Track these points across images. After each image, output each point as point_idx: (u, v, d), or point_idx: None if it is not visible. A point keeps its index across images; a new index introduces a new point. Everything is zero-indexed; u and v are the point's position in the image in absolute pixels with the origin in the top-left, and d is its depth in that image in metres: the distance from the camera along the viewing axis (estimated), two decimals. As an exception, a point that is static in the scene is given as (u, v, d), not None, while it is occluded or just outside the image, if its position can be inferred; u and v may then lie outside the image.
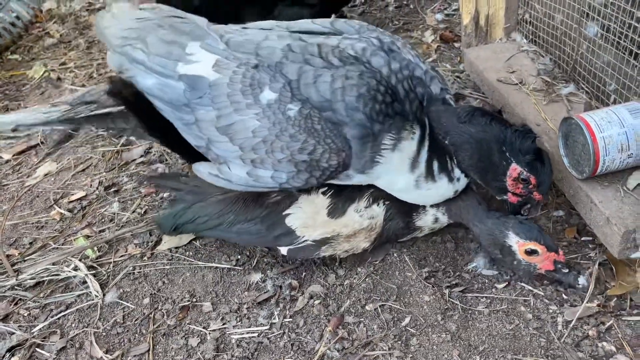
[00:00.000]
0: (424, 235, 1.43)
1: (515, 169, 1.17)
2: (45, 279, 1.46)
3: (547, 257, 1.20)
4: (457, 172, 1.25)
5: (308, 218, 1.30)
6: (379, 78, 1.16)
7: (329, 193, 1.31)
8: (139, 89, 1.27)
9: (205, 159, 1.29)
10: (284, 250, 1.35)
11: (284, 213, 1.31)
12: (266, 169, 1.19)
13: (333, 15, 2.33)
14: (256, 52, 1.21)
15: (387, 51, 1.23)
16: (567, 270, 1.22)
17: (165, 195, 1.69)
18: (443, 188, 1.26)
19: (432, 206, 1.34)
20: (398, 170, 1.23)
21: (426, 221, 1.37)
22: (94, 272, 1.47)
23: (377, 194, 1.32)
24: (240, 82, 1.18)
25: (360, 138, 1.15)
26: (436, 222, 1.37)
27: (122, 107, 1.32)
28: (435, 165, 1.23)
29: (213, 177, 1.26)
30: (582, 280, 1.22)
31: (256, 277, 1.39)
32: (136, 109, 1.31)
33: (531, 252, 1.21)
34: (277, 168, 1.18)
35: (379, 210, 1.32)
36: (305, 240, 1.31)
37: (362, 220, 1.30)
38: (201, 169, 1.28)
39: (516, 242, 1.21)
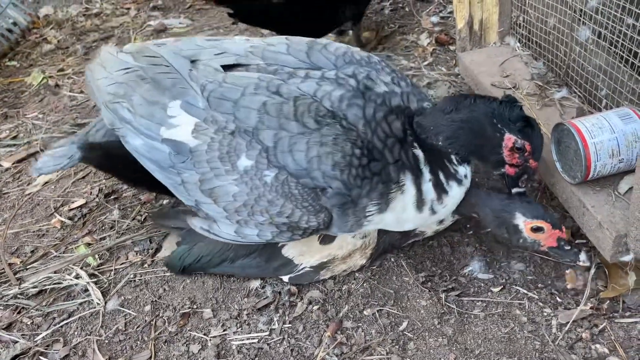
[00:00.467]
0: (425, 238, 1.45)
1: (509, 139, 1.18)
2: (47, 287, 1.48)
3: (551, 235, 1.23)
4: (461, 171, 1.24)
5: (303, 246, 1.35)
6: (354, 138, 1.16)
7: None
8: (128, 148, 1.31)
9: None
10: (285, 278, 1.39)
11: (279, 245, 1.36)
12: (251, 228, 1.24)
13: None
14: (234, 113, 1.20)
15: (363, 91, 1.22)
16: (569, 248, 1.24)
17: (164, 202, 1.71)
18: (457, 194, 1.26)
19: None
20: (400, 220, 1.25)
21: (430, 226, 1.39)
22: (95, 279, 1.49)
23: None
24: (218, 150, 1.20)
25: (339, 206, 1.18)
26: (441, 223, 1.39)
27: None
28: (442, 176, 1.23)
29: (205, 231, 1.32)
30: (582, 256, 1.24)
31: (255, 283, 1.41)
32: (110, 169, 1.48)
33: (537, 230, 1.23)
34: (261, 228, 1.24)
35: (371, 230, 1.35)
36: (304, 268, 1.36)
37: (355, 240, 1.34)
38: (195, 223, 1.34)
39: (523, 221, 1.24)
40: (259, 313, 1.35)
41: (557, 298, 1.29)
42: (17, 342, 1.35)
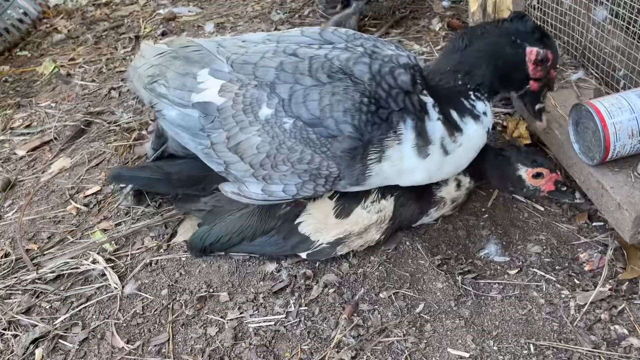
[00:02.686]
0: (442, 214, 1.46)
1: (532, 51, 1.19)
2: (65, 272, 1.49)
3: (550, 178, 1.35)
4: (479, 107, 1.23)
5: (319, 223, 1.37)
6: (362, 89, 1.22)
7: (335, 197, 1.36)
8: (166, 119, 1.42)
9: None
10: (303, 255, 1.40)
11: (295, 222, 1.38)
12: (276, 184, 1.29)
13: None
14: (254, 73, 1.29)
15: (370, 54, 1.29)
16: (565, 189, 1.37)
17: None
18: (474, 133, 1.24)
19: None
20: (402, 171, 1.26)
21: (449, 190, 1.41)
22: (112, 264, 1.50)
23: (385, 189, 1.35)
24: (242, 102, 1.28)
25: (350, 151, 1.21)
26: (459, 188, 1.42)
27: None
28: (454, 114, 1.23)
29: (236, 195, 1.37)
30: (577, 194, 1.37)
31: (271, 267, 1.42)
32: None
33: (537, 176, 1.36)
34: (285, 182, 1.28)
35: (386, 203, 1.36)
36: (321, 244, 1.37)
37: (370, 215, 1.35)
38: (226, 189, 1.40)
39: (525, 171, 1.36)
40: (275, 296, 1.35)
41: (575, 280, 1.29)
42: (36, 325, 1.37)
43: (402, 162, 1.24)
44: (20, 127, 2.15)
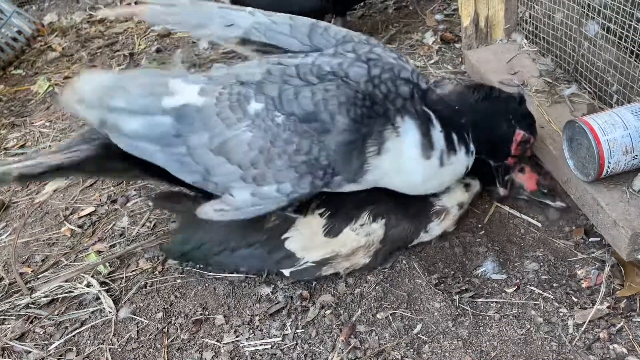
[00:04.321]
0: (444, 228, 1.44)
1: (519, 134, 1.31)
2: (59, 296, 1.48)
3: (531, 176, 1.44)
4: (471, 146, 1.29)
5: (306, 240, 1.34)
6: (355, 89, 1.19)
7: (326, 214, 1.35)
8: (123, 135, 1.26)
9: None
10: (286, 272, 1.38)
11: (282, 237, 1.35)
12: (269, 184, 1.18)
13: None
14: (237, 79, 1.23)
15: (366, 61, 1.24)
16: (546, 191, 1.44)
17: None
18: (460, 162, 1.28)
19: None
20: (402, 169, 1.24)
21: (454, 196, 1.41)
22: (106, 288, 1.48)
23: (377, 212, 1.35)
24: (227, 100, 1.20)
25: (346, 145, 1.16)
26: (468, 189, 1.44)
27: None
28: (455, 137, 1.26)
29: (219, 212, 1.25)
30: (558, 200, 1.43)
31: (267, 288, 1.41)
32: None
33: (520, 170, 1.45)
34: (280, 179, 1.18)
35: (376, 227, 1.34)
36: (306, 262, 1.35)
37: (359, 238, 1.33)
38: (206, 209, 1.27)
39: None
40: (271, 318, 1.34)
41: (573, 297, 1.28)
42: (30, 352, 1.35)
43: (402, 158, 1.22)
44: (14, 148, 2.15)
